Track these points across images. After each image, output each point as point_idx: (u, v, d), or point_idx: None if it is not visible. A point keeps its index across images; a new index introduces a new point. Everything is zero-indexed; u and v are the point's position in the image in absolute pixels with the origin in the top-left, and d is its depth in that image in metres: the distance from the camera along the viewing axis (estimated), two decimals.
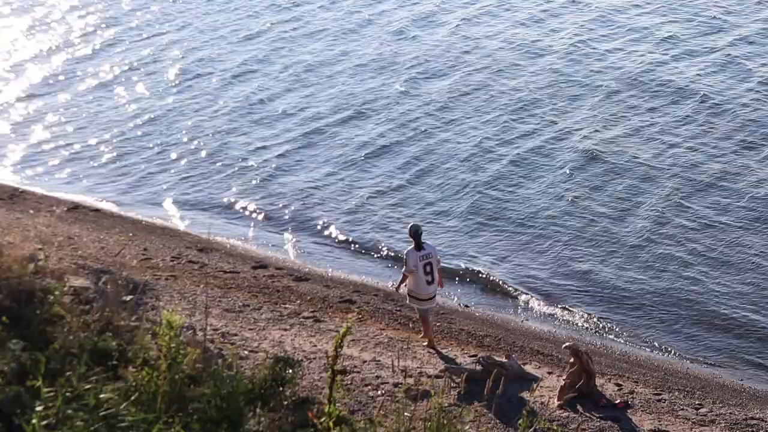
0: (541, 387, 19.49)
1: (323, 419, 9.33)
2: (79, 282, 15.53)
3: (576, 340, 23.34)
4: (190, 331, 14.01)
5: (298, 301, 24.05)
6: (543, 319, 26.28)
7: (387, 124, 36.57)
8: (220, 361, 11.33)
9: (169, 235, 29.66)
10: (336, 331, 19.92)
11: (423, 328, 21.83)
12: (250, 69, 42.20)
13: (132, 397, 9.17)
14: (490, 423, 17.04)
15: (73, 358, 9.78)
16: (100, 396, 8.92)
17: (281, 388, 10.35)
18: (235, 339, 19.64)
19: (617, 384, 20.59)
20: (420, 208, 31.17)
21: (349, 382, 18.25)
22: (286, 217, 31.49)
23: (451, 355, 21.04)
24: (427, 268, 21.04)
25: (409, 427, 10.32)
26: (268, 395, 10.18)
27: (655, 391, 20.63)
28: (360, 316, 22.78)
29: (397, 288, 21.84)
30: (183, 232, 30.51)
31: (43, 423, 8.41)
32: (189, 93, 40.53)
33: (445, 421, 10.26)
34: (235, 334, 20.13)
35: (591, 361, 19.59)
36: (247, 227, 31.20)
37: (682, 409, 19.76)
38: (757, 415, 20.22)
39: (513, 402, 18.47)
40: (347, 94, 39.15)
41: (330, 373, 9.65)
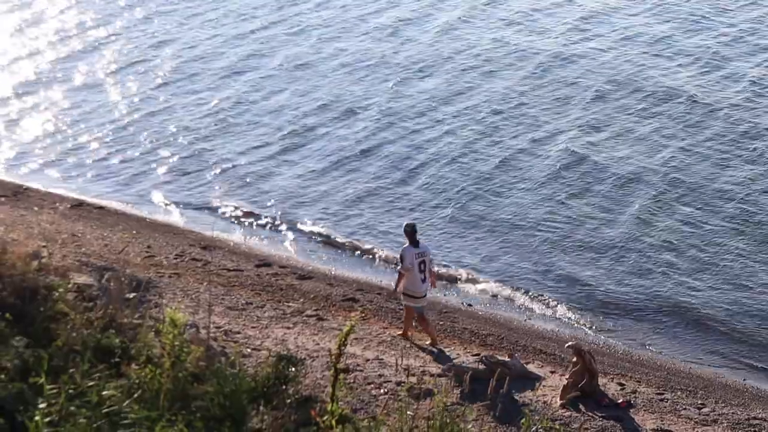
0: (544, 386, 19.49)
1: (326, 417, 9.33)
2: (82, 279, 15.57)
3: (579, 340, 23.32)
4: (193, 329, 14.02)
5: (302, 300, 24.05)
6: (546, 318, 26.28)
7: (377, 123, 36.53)
8: (223, 359, 11.35)
9: (173, 233, 29.66)
10: (339, 329, 19.92)
11: (422, 327, 21.78)
12: (244, 66, 42.07)
13: (135, 395, 9.19)
14: (492, 422, 17.04)
15: (77, 356, 9.79)
16: (103, 393, 8.93)
17: (284, 387, 10.36)
18: (238, 337, 19.65)
19: (620, 383, 20.59)
20: (411, 208, 31.09)
21: (351, 380, 18.24)
22: (287, 216, 31.49)
23: (453, 354, 21.03)
24: (422, 266, 21.12)
25: (412, 426, 10.32)
26: (271, 393, 10.19)
27: (658, 391, 20.63)
28: (363, 314, 22.78)
29: (395, 289, 21.79)
30: (186, 229, 30.51)
31: (46, 420, 8.42)
32: (186, 90, 40.37)
33: (448, 420, 10.26)
34: (238, 332, 20.13)
35: (594, 361, 19.59)
36: (247, 225, 31.23)
37: (685, 408, 19.76)
38: (759, 415, 20.21)
39: (516, 401, 18.49)
40: (338, 93, 39.11)
41: (333, 372, 9.65)
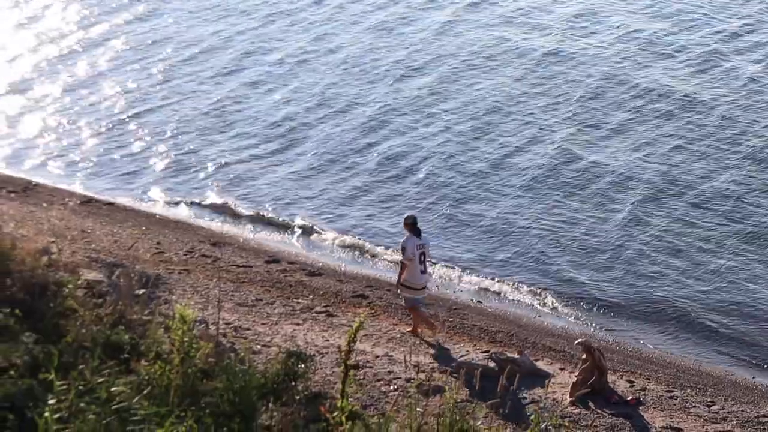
0: (553, 383, 19.47)
1: (335, 414, 9.33)
2: (92, 275, 15.59)
3: (588, 337, 23.30)
4: (202, 325, 14.05)
5: (311, 296, 24.05)
6: (555, 315, 26.27)
7: (373, 120, 36.58)
8: (232, 355, 11.35)
9: (183, 229, 29.69)
10: (348, 325, 19.91)
11: (413, 318, 21.74)
12: (245, 63, 42.13)
13: (144, 391, 9.19)
14: (502, 419, 17.02)
15: (86, 352, 9.80)
16: (113, 389, 8.94)
17: (294, 383, 10.36)
18: (247, 333, 19.64)
19: (629, 381, 20.56)
20: (408, 205, 31.01)
21: (361, 377, 18.24)
22: (292, 212, 31.58)
23: (463, 351, 21.01)
24: (422, 258, 21.15)
25: (422, 423, 10.32)
26: (281, 390, 10.19)
27: (667, 388, 20.59)
28: (373, 311, 22.77)
29: (399, 280, 21.54)
30: (196, 226, 30.56)
31: (56, 416, 8.42)
32: (189, 87, 40.43)
33: (457, 417, 10.25)
34: (248, 329, 20.13)
35: (603, 358, 19.56)
36: (256, 222, 31.28)
37: (694, 406, 19.72)
38: None
39: (525, 398, 18.48)
40: (336, 89, 39.21)
41: (343, 368, 9.64)
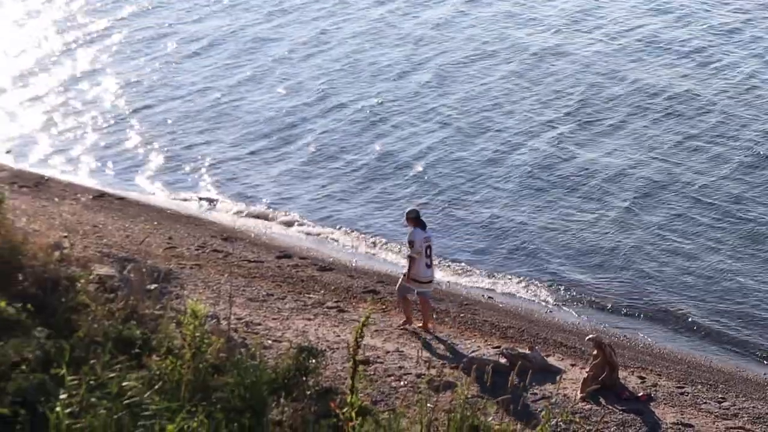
0: (564, 379, 19.46)
1: (346, 409, 9.33)
2: (104, 270, 15.61)
3: (599, 332, 23.29)
4: (214, 321, 14.05)
5: (322, 291, 24.07)
6: (566, 311, 26.25)
7: (370, 117, 36.82)
8: (243, 350, 11.38)
9: (194, 224, 29.74)
10: (359, 321, 19.95)
11: (403, 309, 21.67)
12: (244, 60, 42.38)
13: (156, 386, 9.21)
14: (513, 415, 17.02)
15: (98, 347, 9.83)
16: (124, 384, 8.96)
17: (304, 378, 10.38)
18: (258, 328, 19.67)
19: (640, 377, 20.54)
20: (404, 202, 31.11)
21: (372, 372, 18.24)
22: (291, 207, 31.73)
23: (474, 347, 21.01)
24: (428, 251, 21.13)
25: (432, 418, 10.32)
26: (292, 385, 10.21)
27: (678, 384, 20.57)
28: (383, 306, 22.77)
29: (408, 275, 21.34)
30: (208, 221, 30.60)
31: (67, 411, 8.45)
32: (196, 83, 40.71)
33: (468, 413, 10.25)
34: (259, 324, 20.16)
35: (614, 354, 19.54)
36: (267, 217, 31.34)
37: (705, 402, 19.69)
38: None
39: (536, 394, 18.47)
40: (333, 87, 39.41)
41: (352, 364, 9.65)
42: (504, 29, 43.05)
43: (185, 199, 32.54)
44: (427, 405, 10.38)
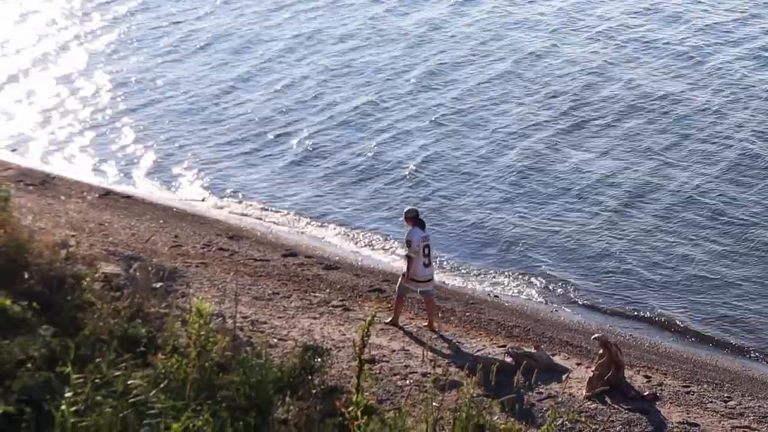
0: (570, 378, 19.44)
1: (351, 408, 9.34)
2: (109, 268, 15.65)
3: (605, 331, 23.27)
4: (219, 319, 14.07)
5: (328, 290, 24.07)
6: (572, 310, 26.22)
7: (364, 117, 36.80)
8: (249, 349, 11.39)
9: (200, 223, 29.74)
10: (365, 320, 19.94)
11: (396, 307, 21.65)
12: (246, 57, 42.43)
13: (161, 385, 9.22)
14: (518, 414, 17.01)
15: (103, 345, 9.84)
16: (129, 383, 8.97)
17: (310, 377, 10.39)
18: (264, 327, 19.68)
19: (646, 376, 20.51)
20: (399, 201, 31.15)
21: (377, 371, 18.24)
22: (279, 206, 31.73)
23: (479, 346, 21.01)
24: (426, 250, 21.13)
25: (438, 417, 10.32)
26: (297, 384, 10.22)
27: (684, 384, 20.55)
28: (389, 305, 22.75)
29: (407, 274, 21.37)
30: (213, 219, 30.60)
31: (73, 409, 8.46)
32: (205, 78, 40.77)
33: (473, 412, 10.25)
34: (265, 322, 20.16)
35: (620, 353, 19.52)
36: (273, 215, 31.34)
37: (711, 401, 19.68)
38: None
39: (542, 393, 18.46)
40: (324, 86, 39.39)
41: (357, 363, 9.65)
42: (498, 29, 42.88)
43: (186, 198, 32.52)
44: (433, 404, 10.38)
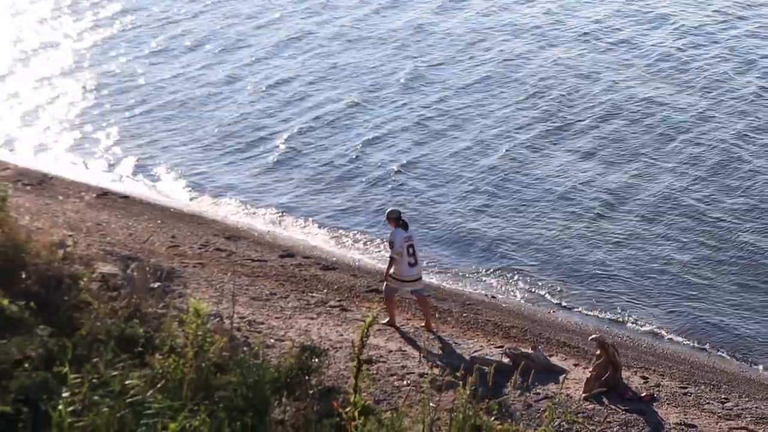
0: (567, 379, 19.44)
1: (348, 409, 9.34)
2: (107, 268, 15.63)
3: (602, 332, 23.28)
4: (217, 319, 14.06)
5: (325, 290, 24.07)
6: (569, 311, 26.22)
7: (342, 117, 36.83)
8: (246, 349, 11.39)
9: (197, 223, 29.74)
10: (362, 320, 19.90)
11: (388, 308, 21.62)
12: (248, 55, 42.48)
13: (158, 385, 9.22)
14: (516, 414, 17.02)
15: (100, 345, 9.84)
16: (127, 383, 8.97)
17: (307, 377, 10.38)
18: (261, 327, 19.68)
19: (643, 377, 20.53)
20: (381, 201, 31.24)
21: (374, 371, 18.25)
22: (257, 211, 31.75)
23: (476, 346, 21.01)
24: (410, 250, 21.14)
25: (435, 418, 10.32)
26: (294, 384, 10.22)
27: (681, 385, 20.56)
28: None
29: (386, 275, 21.57)
30: (211, 219, 30.59)
31: (70, 409, 8.45)
32: (202, 77, 40.74)
33: (470, 413, 10.25)
34: (262, 323, 20.17)
35: (617, 354, 19.54)
36: (271, 216, 31.33)
37: (708, 402, 19.68)
38: None
39: (539, 394, 18.47)
40: (307, 86, 39.42)
41: (356, 363, 9.66)
42: (483, 31, 42.82)
43: (174, 197, 32.56)
44: (430, 404, 10.38)
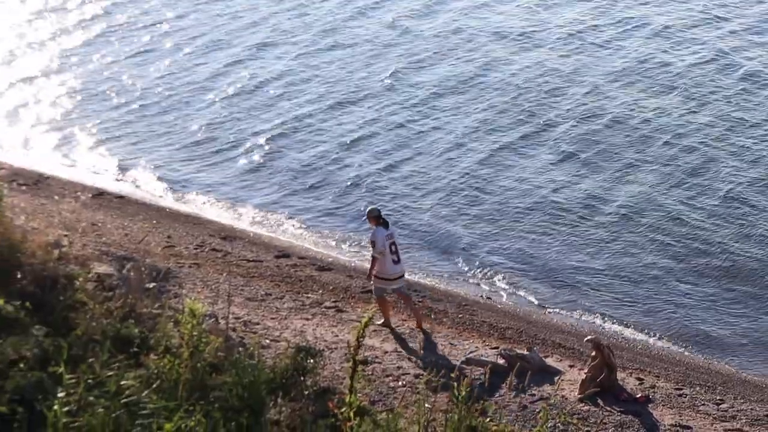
0: (562, 380, 19.47)
1: (344, 409, 9.33)
2: (102, 269, 15.60)
3: (598, 334, 23.29)
4: (212, 320, 14.06)
5: (321, 291, 24.06)
6: (565, 312, 26.22)
7: (367, 116, 36.74)
8: (241, 349, 11.37)
9: (193, 223, 29.72)
10: (358, 321, 19.87)
11: (381, 309, 21.61)
12: (249, 55, 42.30)
13: (153, 385, 9.21)
14: (510, 415, 17.03)
15: (96, 345, 9.83)
16: (122, 383, 8.95)
17: (302, 378, 10.38)
18: (257, 328, 19.68)
19: (638, 378, 20.55)
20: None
21: (370, 372, 18.26)
22: (307, 206, 31.67)
23: (472, 347, 21.02)
24: (392, 248, 21.20)
25: (430, 419, 10.33)
26: (290, 385, 10.21)
27: (677, 386, 20.58)
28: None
29: (369, 275, 21.60)
30: (207, 220, 30.57)
31: (65, 409, 8.44)
32: (201, 76, 40.71)
33: (465, 413, 10.25)
34: (257, 323, 20.17)
35: (612, 355, 19.56)
36: (266, 216, 31.33)
37: (704, 404, 19.71)
38: None
39: (534, 395, 18.48)
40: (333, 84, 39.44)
41: (351, 364, 9.65)
42: (462, 34, 42.73)
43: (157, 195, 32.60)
44: (425, 405, 10.38)
